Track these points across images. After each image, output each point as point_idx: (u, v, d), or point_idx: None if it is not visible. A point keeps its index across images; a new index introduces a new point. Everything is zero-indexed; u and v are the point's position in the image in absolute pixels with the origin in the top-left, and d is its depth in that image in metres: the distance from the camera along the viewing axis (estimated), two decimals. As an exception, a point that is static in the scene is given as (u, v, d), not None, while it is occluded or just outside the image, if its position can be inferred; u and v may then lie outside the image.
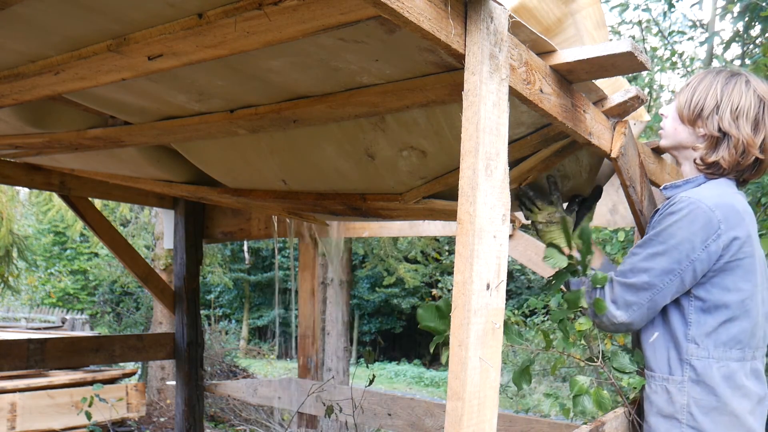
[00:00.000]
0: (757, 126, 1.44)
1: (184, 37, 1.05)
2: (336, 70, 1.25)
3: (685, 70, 6.30)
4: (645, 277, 1.42)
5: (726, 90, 1.45)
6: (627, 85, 1.51)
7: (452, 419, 0.92)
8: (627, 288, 1.45)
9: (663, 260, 1.40)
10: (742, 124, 1.43)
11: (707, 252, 1.37)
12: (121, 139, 1.89)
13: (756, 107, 1.43)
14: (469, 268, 0.93)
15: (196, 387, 3.81)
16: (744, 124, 1.43)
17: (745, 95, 1.43)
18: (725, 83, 1.46)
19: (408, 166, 1.71)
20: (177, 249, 3.80)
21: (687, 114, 1.49)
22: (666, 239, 1.40)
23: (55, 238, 16.25)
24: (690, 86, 1.51)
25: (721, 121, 1.44)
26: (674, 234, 1.39)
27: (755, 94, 1.44)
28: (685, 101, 1.50)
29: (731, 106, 1.43)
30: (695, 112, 1.47)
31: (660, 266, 1.40)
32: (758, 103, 1.44)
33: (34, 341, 3.16)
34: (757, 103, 1.44)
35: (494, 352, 0.98)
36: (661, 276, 1.40)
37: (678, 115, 1.52)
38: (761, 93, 1.44)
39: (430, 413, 3.07)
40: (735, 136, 1.43)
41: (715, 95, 1.45)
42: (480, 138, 0.94)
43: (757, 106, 1.43)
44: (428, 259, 9.18)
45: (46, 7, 1.04)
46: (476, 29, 0.94)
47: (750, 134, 1.43)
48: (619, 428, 1.57)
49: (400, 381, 14.39)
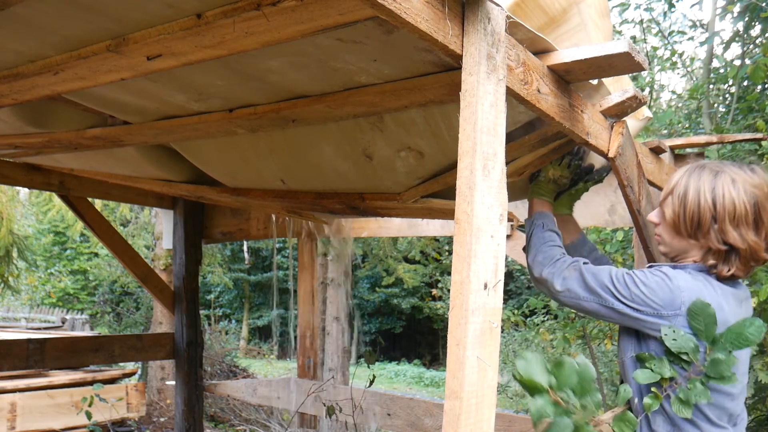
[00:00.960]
0: (758, 228, 1.36)
1: (183, 37, 1.06)
2: (334, 70, 1.25)
3: (685, 70, 6.31)
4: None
5: (717, 196, 1.36)
6: (627, 81, 1.50)
7: (450, 418, 0.93)
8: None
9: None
10: (744, 232, 1.35)
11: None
12: (121, 139, 1.89)
13: (752, 208, 1.35)
14: (467, 267, 0.93)
15: (196, 387, 3.82)
16: (746, 231, 1.35)
17: (737, 198, 1.35)
18: (713, 187, 1.36)
19: (405, 167, 1.72)
20: (176, 249, 3.81)
21: (684, 229, 1.40)
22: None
23: (55, 238, 16.25)
24: (676, 194, 1.42)
25: (725, 235, 1.35)
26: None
27: (746, 193, 1.35)
28: (677, 214, 1.41)
29: (729, 216, 1.34)
30: (693, 226, 1.38)
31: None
32: (752, 202, 1.35)
33: (33, 341, 3.16)
34: (752, 202, 1.35)
35: (492, 352, 0.98)
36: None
37: (673, 228, 1.43)
38: (751, 190, 1.36)
39: (430, 413, 3.08)
40: (742, 247, 1.35)
41: (707, 205, 1.36)
42: (477, 138, 0.94)
43: (753, 207, 1.35)
44: (428, 259, 9.18)
45: (45, 8, 1.05)
46: (473, 30, 0.95)
47: (755, 239, 1.35)
48: (618, 427, 1.57)
49: (400, 381, 14.39)
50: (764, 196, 1.37)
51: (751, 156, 4.10)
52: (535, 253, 1.51)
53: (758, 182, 1.38)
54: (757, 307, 2.95)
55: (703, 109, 5.45)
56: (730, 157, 4.22)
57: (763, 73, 3.78)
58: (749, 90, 5.03)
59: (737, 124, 4.65)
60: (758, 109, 4.43)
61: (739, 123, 4.64)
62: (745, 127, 4.51)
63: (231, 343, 12.95)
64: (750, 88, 5.05)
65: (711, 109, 5.47)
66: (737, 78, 4.58)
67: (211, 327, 12.60)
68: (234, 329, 15.87)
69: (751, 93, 4.76)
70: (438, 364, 17.80)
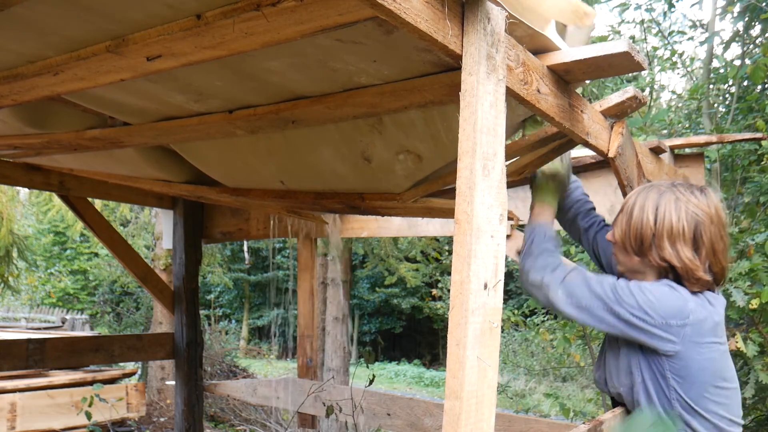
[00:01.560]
0: (697, 248, 1.37)
1: (183, 37, 1.06)
2: (334, 71, 1.25)
3: (685, 70, 6.31)
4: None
5: (658, 215, 1.38)
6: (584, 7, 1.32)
7: (450, 418, 0.93)
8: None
9: None
10: (681, 249, 1.37)
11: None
12: (120, 140, 1.89)
13: (691, 226, 1.36)
14: (467, 267, 0.93)
15: (196, 387, 3.81)
16: (683, 248, 1.36)
17: (676, 216, 1.37)
18: (655, 207, 1.39)
19: (404, 170, 1.72)
20: (176, 249, 3.81)
21: (630, 246, 1.43)
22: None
23: (55, 238, 16.26)
24: (625, 213, 1.45)
25: (661, 251, 1.38)
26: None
27: (687, 213, 1.37)
28: (624, 232, 1.44)
29: (666, 233, 1.37)
30: (636, 243, 1.41)
31: None
32: (692, 221, 1.37)
33: (33, 341, 3.16)
34: (692, 221, 1.37)
35: (492, 352, 0.98)
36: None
37: (622, 246, 1.46)
38: (693, 209, 1.37)
39: (430, 413, 3.07)
40: (678, 265, 1.37)
41: (649, 223, 1.39)
42: (477, 138, 0.94)
43: (692, 225, 1.36)
44: (428, 259, 9.17)
45: (45, 8, 1.05)
46: (473, 30, 0.95)
47: (691, 258, 1.36)
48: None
49: (400, 381, 14.39)
50: (708, 218, 1.38)
51: (751, 156, 4.10)
52: (534, 259, 1.50)
53: (705, 204, 1.39)
54: (759, 308, 2.95)
55: (703, 109, 5.45)
56: (729, 157, 4.23)
57: (763, 73, 3.78)
58: (749, 90, 5.03)
59: (737, 124, 4.65)
60: (758, 109, 4.43)
61: (739, 123, 4.64)
62: (745, 127, 4.50)
63: (231, 343, 12.95)
64: (750, 88, 5.05)
65: (711, 109, 5.47)
66: (737, 78, 4.58)
67: (211, 327, 12.59)
68: (234, 329, 15.87)
69: (751, 93, 4.76)
70: (438, 364, 17.80)
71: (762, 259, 3.03)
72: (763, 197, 3.81)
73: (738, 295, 2.88)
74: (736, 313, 3.01)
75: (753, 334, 3.09)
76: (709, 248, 1.38)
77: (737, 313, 3.01)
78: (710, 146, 3.60)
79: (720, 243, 1.39)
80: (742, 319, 3.36)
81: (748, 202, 4.11)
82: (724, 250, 1.40)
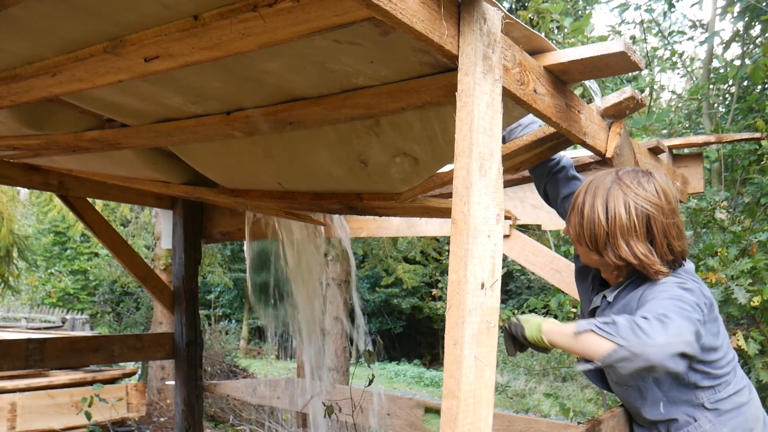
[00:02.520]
0: (652, 239, 1.35)
1: (180, 38, 1.06)
2: (331, 72, 1.25)
3: (685, 70, 6.31)
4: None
5: (609, 213, 1.35)
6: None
7: (447, 418, 0.93)
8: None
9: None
10: (635, 246, 1.34)
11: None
12: (118, 142, 1.89)
13: (642, 221, 1.34)
14: (464, 267, 0.93)
15: (196, 387, 3.82)
16: (636, 244, 1.35)
17: (626, 214, 1.34)
18: (605, 204, 1.36)
19: (400, 173, 1.72)
20: (176, 249, 3.81)
21: (586, 244, 1.41)
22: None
23: (56, 238, 16.25)
24: (576, 211, 1.42)
25: (618, 249, 1.36)
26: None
27: (636, 206, 1.34)
28: (577, 231, 1.41)
29: (619, 231, 1.34)
30: (592, 242, 1.39)
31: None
32: (643, 215, 1.34)
33: (33, 341, 3.16)
34: (642, 215, 1.34)
35: (489, 351, 0.98)
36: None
37: (579, 244, 1.44)
38: (642, 203, 1.34)
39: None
40: (634, 262, 1.36)
41: (601, 223, 1.36)
42: (474, 138, 0.95)
43: (643, 220, 1.34)
44: (428, 259, 9.17)
45: (42, 9, 1.05)
46: (469, 30, 0.95)
47: (646, 253, 1.34)
48: (616, 427, 1.57)
49: (400, 381, 14.38)
50: (658, 210, 1.35)
51: (751, 156, 4.10)
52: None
53: (653, 194, 1.35)
54: (760, 306, 2.95)
55: (703, 109, 5.45)
56: (730, 157, 4.22)
57: (763, 73, 3.78)
58: (749, 90, 5.03)
59: (737, 124, 4.65)
60: (758, 109, 4.42)
61: (739, 123, 4.63)
62: (745, 127, 4.50)
63: (231, 343, 12.95)
64: (750, 88, 5.05)
65: (711, 109, 5.47)
66: (737, 78, 4.58)
67: (211, 327, 12.59)
68: (234, 329, 15.87)
69: (751, 93, 4.76)
70: (438, 364, 17.78)
71: (765, 257, 3.03)
72: (763, 198, 3.81)
73: (740, 292, 2.87)
74: (738, 311, 3.00)
75: (754, 333, 3.09)
76: (662, 238, 1.36)
77: (738, 311, 3.01)
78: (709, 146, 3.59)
79: (673, 229, 1.37)
80: (743, 318, 3.36)
81: (748, 202, 4.11)
82: (679, 233, 1.39)
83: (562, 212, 1.72)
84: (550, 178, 1.73)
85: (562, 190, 1.71)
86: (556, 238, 5.29)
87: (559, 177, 1.71)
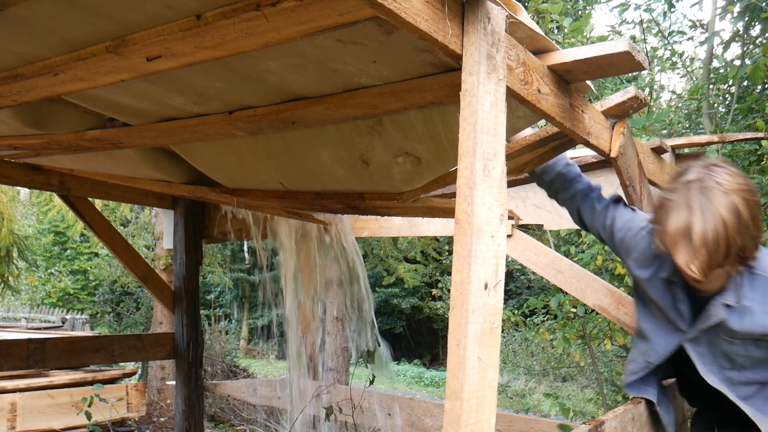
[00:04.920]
0: (757, 225, 1.36)
1: (183, 38, 1.05)
2: (334, 72, 1.25)
3: (685, 70, 6.30)
4: None
5: (727, 223, 1.31)
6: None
7: (451, 418, 0.93)
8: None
9: None
10: (756, 237, 1.37)
11: None
12: (120, 141, 1.89)
13: (754, 211, 1.35)
14: (467, 267, 0.93)
15: (196, 387, 3.81)
16: (755, 233, 1.37)
17: (735, 215, 1.33)
18: (719, 216, 1.32)
19: (402, 173, 1.71)
20: (176, 249, 3.80)
21: (719, 266, 1.36)
22: None
23: (56, 238, 16.25)
24: (686, 237, 1.34)
25: (745, 251, 1.37)
26: None
27: (741, 201, 1.33)
28: (706, 263, 1.34)
29: (739, 234, 1.33)
30: (723, 259, 1.34)
31: None
32: (752, 206, 1.35)
33: (33, 341, 3.16)
34: (752, 206, 1.35)
35: (492, 352, 0.98)
36: None
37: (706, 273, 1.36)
38: (745, 195, 1.34)
39: (430, 413, 3.07)
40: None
41: (725, 238, 1.32)
42: (477, 138, 0.94)
43: (753, 210, 1.35)
44: (428, 259, 9.17)
45: (44, 9, 1.04)
46: (473, 30, 0.95)
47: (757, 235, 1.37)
48: (618, 428, 1.57)
49: (400, 381, 14.38)
50: (750, 192, 1.37)
51: (751, 156, 4.10)
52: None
53: (739, 180, 1.36)
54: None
55: (703, 109, 5.44)
56: (730, 157, 4.22)
57: (763, 73, 3.78)
58: (749, 90, 5.03)
59: (737, 124, 4.65)
60: (758, 110, 4.42)
61: (739, 123, 4.63)
62: (745, 127, 4.50)
63: (231, 343, 12.95)
64: (750, 89, 5.05)
65: (711, 110, 5.47)
66: (737, 78, 4.57)
67: (212, 327, 12.58)
68: (234, 329, 15.86)
69: (751, 93, 4.76)
70: (438, 364, 17.77)
71: None
72: (763, 198, 3.80)
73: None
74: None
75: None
76: (758, 221, 1.37)
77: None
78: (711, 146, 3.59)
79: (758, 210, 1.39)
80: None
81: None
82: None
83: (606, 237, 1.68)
84: (592, 211, 1.69)
85: (606, 222, 1.67)
86: (556, 237, 5.29)
87: (597, 207, 1.67)
